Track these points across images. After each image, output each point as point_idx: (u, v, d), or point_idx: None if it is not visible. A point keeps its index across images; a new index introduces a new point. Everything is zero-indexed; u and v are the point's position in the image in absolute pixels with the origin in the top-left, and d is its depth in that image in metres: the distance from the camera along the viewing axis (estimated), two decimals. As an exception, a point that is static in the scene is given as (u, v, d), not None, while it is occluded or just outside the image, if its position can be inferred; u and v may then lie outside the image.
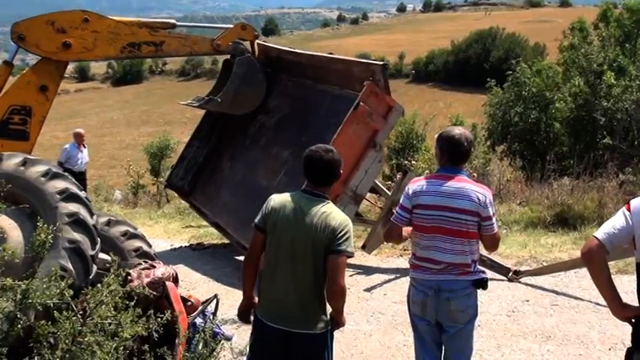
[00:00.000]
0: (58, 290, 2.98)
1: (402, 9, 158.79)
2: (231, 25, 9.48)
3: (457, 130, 4.11)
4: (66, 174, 5.05)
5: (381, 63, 8.01)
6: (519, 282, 7.50)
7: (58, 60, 8.26)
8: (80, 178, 12.73)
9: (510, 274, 7.59)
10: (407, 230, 4.19)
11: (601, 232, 3.15)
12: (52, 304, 3.02)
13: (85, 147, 13.42)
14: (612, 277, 3.24)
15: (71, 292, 3.08)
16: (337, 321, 3.77)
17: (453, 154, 4.06)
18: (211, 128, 10.77)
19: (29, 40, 8.02)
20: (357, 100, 7.50)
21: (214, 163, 10.62)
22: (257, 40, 9.82)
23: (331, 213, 3.65)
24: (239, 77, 9.43)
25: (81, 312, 3.26)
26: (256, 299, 3.83)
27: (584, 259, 3.20)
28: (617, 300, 3.19)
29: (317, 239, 3.59)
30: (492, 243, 4.15)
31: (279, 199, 3.74)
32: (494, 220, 4.03)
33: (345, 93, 8.49)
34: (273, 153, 9.45)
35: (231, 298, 7.40)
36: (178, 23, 9.24)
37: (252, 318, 3.85)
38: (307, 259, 3.61)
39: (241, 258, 9.44)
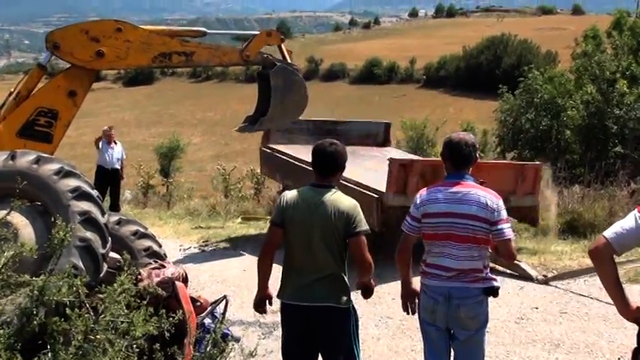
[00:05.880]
0: (73, 288, 3.00)
1: (414, 14, 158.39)
2: (257, 32, 9.50)
3: (457, 135, 4.19)
4: (78, 172, 5.08)
5: None
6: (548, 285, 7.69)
7: (91, 68, 8.34)
8: (113, 175, 12.97)
9: (539, 277, 7.86)
10: None
11: (610, 232, 3.16)
12: (67, 302, 3.04)
13: (115, 143, 13.45)
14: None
15: (86, 290, 3.10)
16: (368, 287, 4.17)
17: (454, 159, 4.10)
18: None
19: (64, 49, 8.08)
20: None
21: None
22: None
23: (339, 200, 4.06)
24: (280, 90, 9.47)
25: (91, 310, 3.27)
26: (270, 291, 4.17)
27: (591, 256, 3.22)
28: (624, 300, 3.17)
29: (331, 226, 3.99)
30: (506, 250, 3.99)
31: (291, 195, 4.11)
32: (504, 225, 3.93)
33: None
34: None
35: (239, 300, 7.42)
36: (209, 31, 9.28)
37: (268, 309, 4.22)
38: (324, 245, 4.00)
39: (251, 257, 9.48)
